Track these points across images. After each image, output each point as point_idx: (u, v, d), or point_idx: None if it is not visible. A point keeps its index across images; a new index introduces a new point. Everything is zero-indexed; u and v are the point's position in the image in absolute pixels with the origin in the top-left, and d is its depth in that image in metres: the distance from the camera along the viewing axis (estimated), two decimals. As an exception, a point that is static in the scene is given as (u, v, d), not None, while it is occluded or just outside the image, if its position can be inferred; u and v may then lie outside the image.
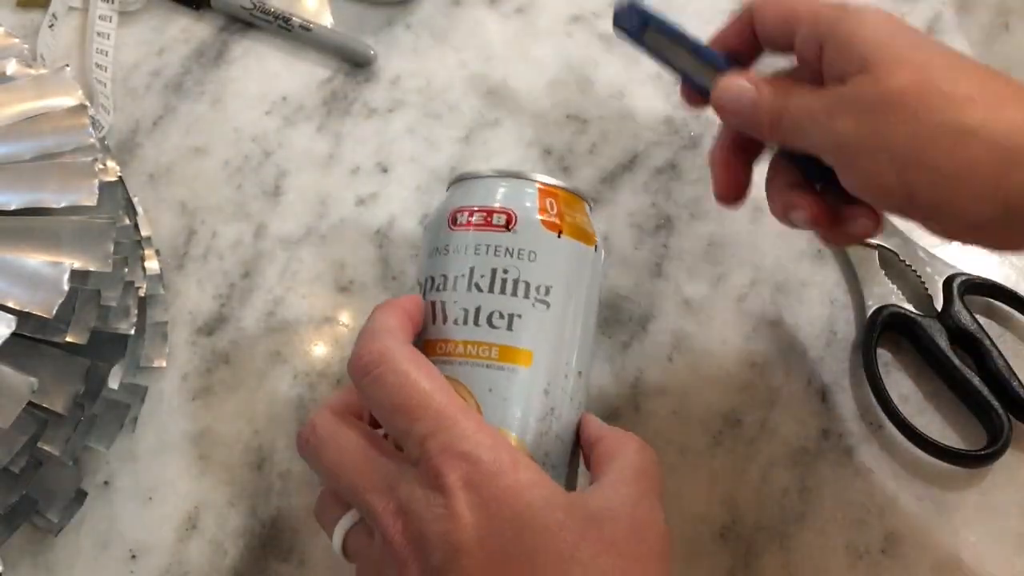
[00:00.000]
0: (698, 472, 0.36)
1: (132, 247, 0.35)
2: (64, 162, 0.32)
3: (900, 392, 0.37)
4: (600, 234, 0.32)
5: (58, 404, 0.30)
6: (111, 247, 0.31)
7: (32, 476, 0.31)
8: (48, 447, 0.31)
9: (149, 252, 0.37)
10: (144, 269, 0.36)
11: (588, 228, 0.31)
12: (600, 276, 0.32)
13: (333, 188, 0.41)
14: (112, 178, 0.34)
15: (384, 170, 0.42)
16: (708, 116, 0.44)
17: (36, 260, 0.29)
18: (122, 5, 0.45)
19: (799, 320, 0.39)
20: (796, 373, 0.38)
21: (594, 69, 0.45)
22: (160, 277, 0.38)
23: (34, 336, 0.29)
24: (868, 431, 0.37)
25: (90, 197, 0.31)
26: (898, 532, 0.35)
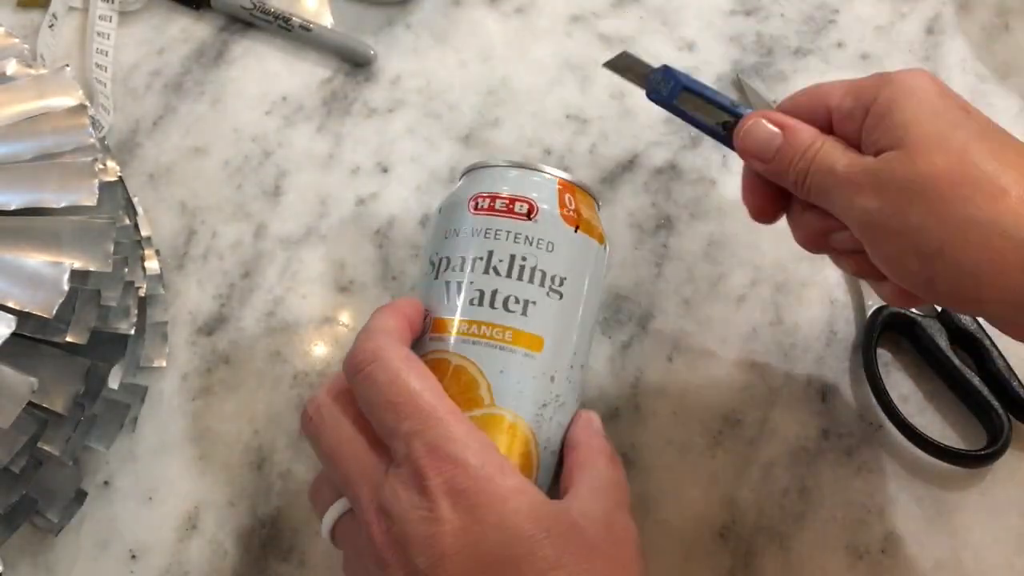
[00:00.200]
0: (698, 472, 0.36)
1: (132, 247, 0.35)
2: (64, 162, 0.32)
3: (900, 392, 0.37)
4: (606, 232, 0.33)
5: (58, 404, 0.30)
6: (111, 247, 0.31)
7: (32, 476, 0.31)
8: (48, 447, 0.31)
9: (149, 252, 0.37)
10: (144, 269, 0.36)
11: (599, 226, 0.32)
12: (604, 273, 0.32)
13: (333, 188, 0.41)
14: (112, 178, 0.34)
15: (384, 170, 0.42)
16: (708, 116, 0.44)
17: (36, 260, 0.29)
18: (122, 5, 0.45)
19: (799, 320, 0.39)
20: (796, 373, 0.38)
21: (594, 69, 0.45)
22: (160, 277, 0.38)
23: (34, 336, 0.29)
24: (868, 431, 0.37)
25: (90, 197, 0.31)
26: (898, 532, 0.35)
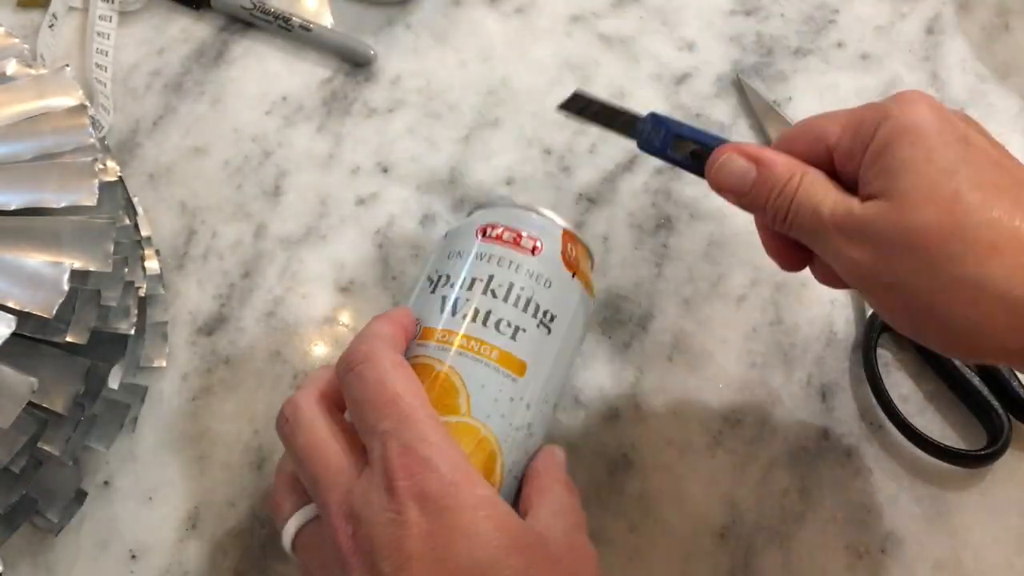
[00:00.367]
0: (698, 472, 0.36)
1: (132, 247, 0.35)
2: (64, 162, 0.32)
3: (900, 392, 0.37)
4: (595, 289, 0.34)
5: (58, 404, 0.30)
6: (111, 247, 0.31)
7: (32, 476, 0.31)
8: (48, 447, 0.31)
9: (149, 252, 0.37)
10: (144, 269, 0.36)
11: (591, 279, 0.33)
12: (586, 324, 0.33)
13: (333, 188, 0.41)
14: (112, 178, 0.34)
15: (384, 170, 0.42)
16: (708, 117, 0.44)
17: (36, 260, 0.29)
18: (122, 5, 0.45)
19: (799, 320, 0.39)
20: (796, 373, 0.38)
21: (594, 69, 0.45)
22: (160, 277, 0.38)
23: (34, 336, 0.29)
24: (868, 431, 0.37)
25: (90, 197, 0.31)
26: (898, 532, 0.35)
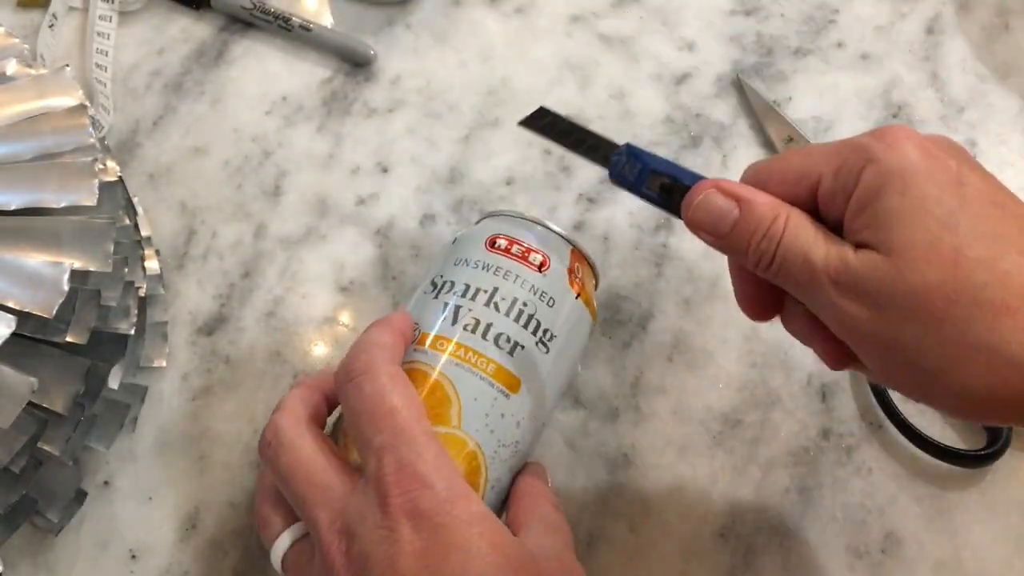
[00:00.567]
0: (698, 472, 0.36)
1: (132, 247, 0.35)
2: (64, 162, 0.32)
3: (900, 392, 0.37)
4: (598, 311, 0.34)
5: (58, 404, 0.30)
6: (111, 247, 0.31)
7: (32, 476, 0.31)
8: (48, 447, 0.31)
9: (149, 252, 0.37)
10: (144, 269, 0.36)
11: (594, 301, 0.33)
12: (585, 346, 0.33)
13: (333, 188, 0.41)
14: (112, 178, 0.34)
15: (384, 170, 0.42)
16: (708, 117, 0.44)
17: (36, 260, 0.29)
18: (122, 5, 0.45)
19: (799, 320, 0.39)
20: (796, 373, 0.38)
21: (594, 69, 0.45)
22: (160, 277, 0.38)
23: (34, 336, 0.29)
24: (868, 431, 0.37)
25: (90, 197, 0.31)
26: (898, 532, 0.35)
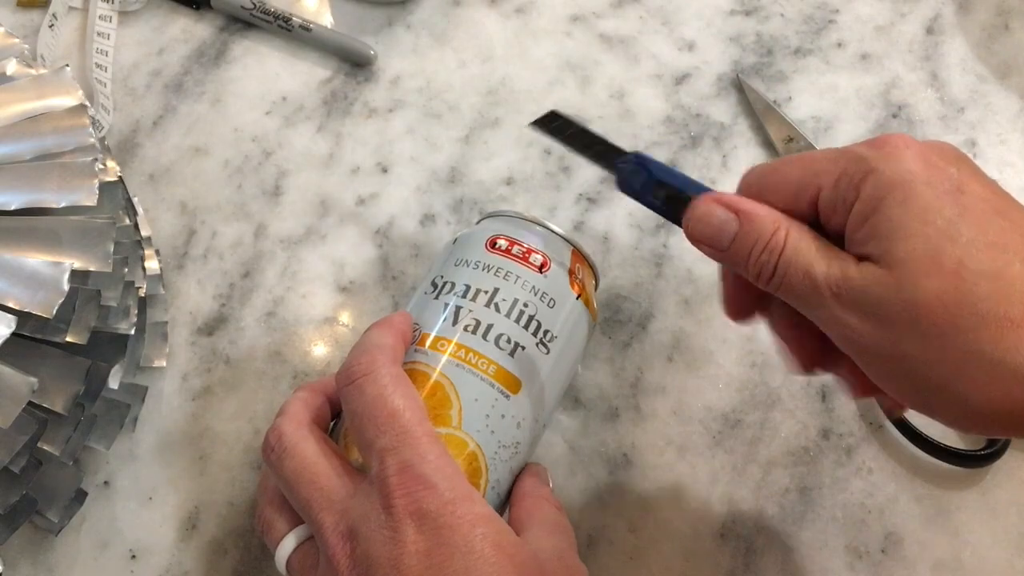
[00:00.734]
0: (698, 472, 0.36)
1: (132, 247, 0.35)
2: (64, 162, 0.32)
3: (900, 392, 0.37)
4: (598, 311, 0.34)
5: (58, 404, 0.30)
6: (111, 247, 0.31)
7: (32, 476, 0.31)
8: (48, 447, 0.31)
9: (149, 252, 0.37)
10: (144, 269, 0.36)
11: (594, 302, 0.33)
12: (585, 347, 0.33)
13: (333, 188, 0.41)
14: (112, 178, 0.34)
15: (384, 170, 0.42)
16: (708, 117, 0.44)
17: (36, 260, 0.29)
18: (122, 5, 0.45)
19: (799, 320, 0.39)
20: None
21: (594, 69, 0.45)
22: (160, 277, 0.38)
23: (34, 336, 0.29)
24: (869, 431, 0.37)
25: (90, 197, 0.31)
26: (898, 532, 0.35)
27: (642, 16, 0.47)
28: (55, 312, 0.28)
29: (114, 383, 0.33)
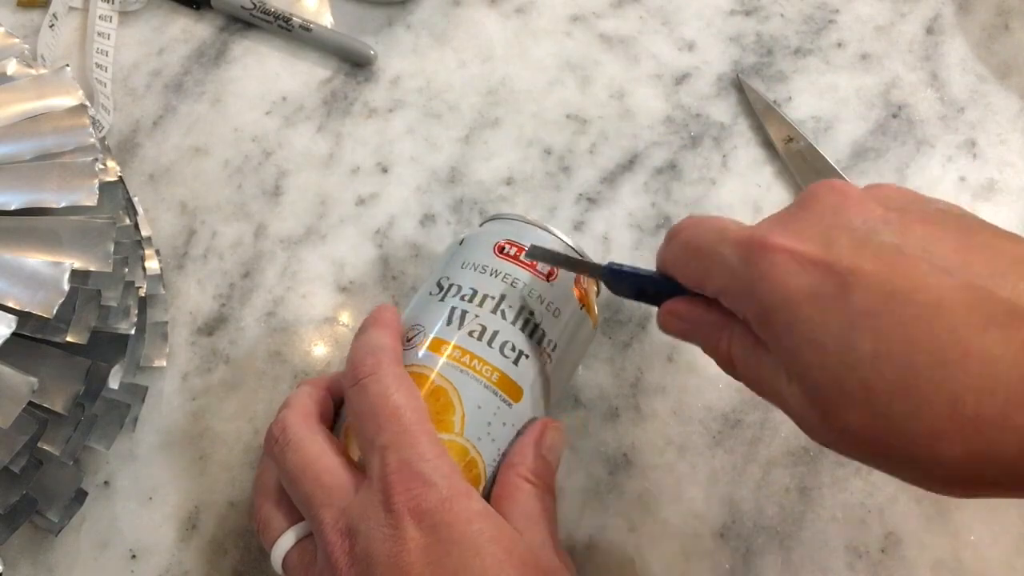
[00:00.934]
0: (698, 472, 0.36)
1: (132, 247, 0.35)
2: (64, 162, 0.32)
3: (900, 392, 0.37)
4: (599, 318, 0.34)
5: (58, 404, 0.30)
6: (111, 247, 0.31)
7: (32, 476, 0.31)
8: (48, 447, 0.31)
9: (149, 252, 0.37)
10: (144, 269, 0.36)
11: (596, 309, 0.33)
12: (584, 354, 0.34)
13: (333, 188, 0.41)
14: (112, 178, 0.34)
15: (384, 170, 0.42)
16: (708, 117, 0.44)
17: (36, 260, 0.29)
18: (122, 5, 0.45)
19: (799, 320, 0.39)
20: (796, 373, 0.38)
21: (594, 69, 0.45)
22: (160, 277, 0.38)
23: (34, 336, 0.29)
24: (868, 431, 0.37)
25: (90, 197, 0.31)
26: (898, 532, 0.35)
27: (642, 16, 0.47)
28: (55, 312, 0.28)
29: (114, 383, 0.33)
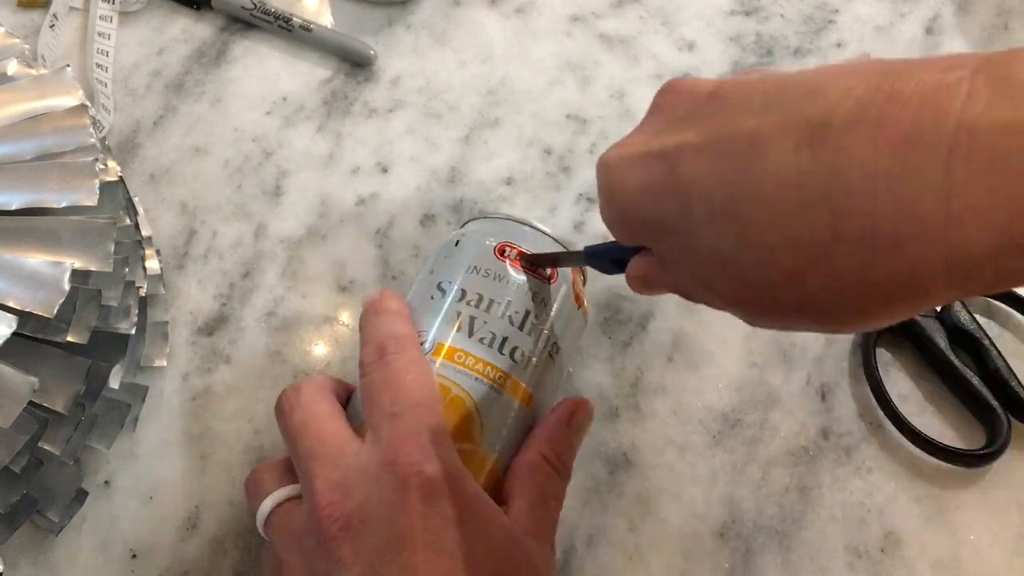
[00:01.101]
0: (698, 472, 0.36)
1: (133, 247, 0.35)
2: (65, 162, 0.32)
3: (900, 392, 0.37)
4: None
5: (59, 404, 0.30)
6: (112, 247, 0.31)
7: (33, 476, 0.31)
8: (49, 447, 0.31)
9: (150, 252, 0.37)
10: (145, 269, 0.36)
11: (585, 301, 0.34)
12: (579, 345, 0.34)
13: (333, 188, 0.41)
14: (113, 178, 0.34)
15: (384, 170, 0.42)
16: (708, 116, 0.44)
17: (37, 260, 0.29)
18: (123, 5, 0.45)
19: (799, 320, 0.39)
20: (796, 373, 0.38)
21: (594, 69, 0.45)
22: (160, 277, 0.38)
23: (35, 336, 0.29)
24: (868, 431, 0.37)
25: (91, 197, 0.31)
26: (898, 532, 0.35)
27: (642, 16, 0.47)
28: (56, 312, 0.28)
29: (114, 383, 0.33)
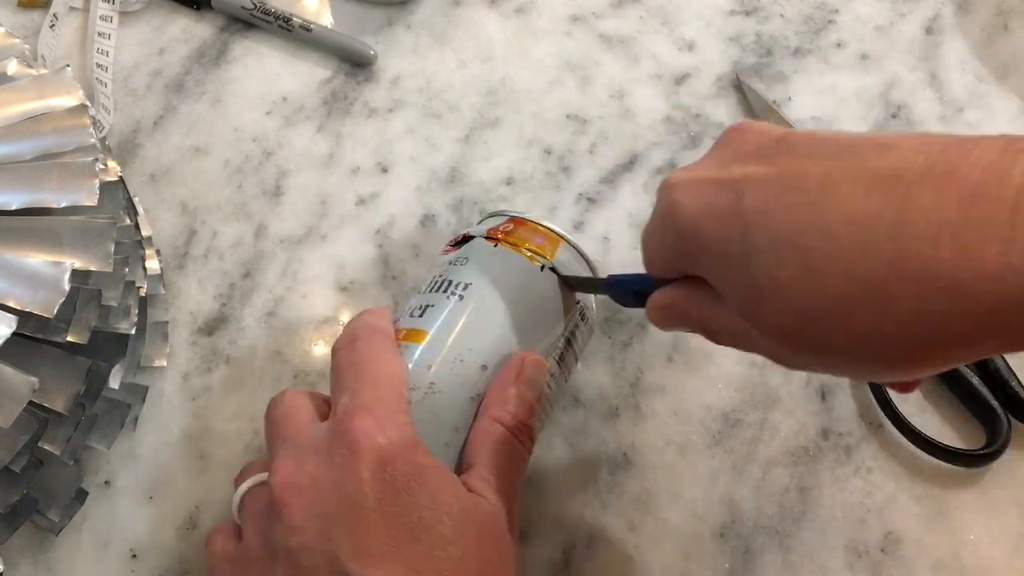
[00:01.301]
0: (698, 472, 0.36)
1: (133, 247, 0.35)
2: (65, 162, 0.32)
3: (900, 392, 0.37)
4: (557, 261, 0.32)
5: (59, 404, 0.30)
6: (112, 247, 0.31)
7: (33, 475, 0.31)
8: (49, 447, 0.31)
9: (150, 252, 0.37)
10: (145, 269, 0.36)
11: (543, 250, 0.32)
12: (544, 294, 0.32)
13: (333, 188, 0.41)
14: (113, 178, 0.35)
15: (384, 170, 0.42)
16: (708, 117, 0.44)
17: (37, 260, 0.29)
18: (123, 5, 0.45)
19: (799, 320, 0.39)
20: (796, 373, 0.38)
21: (594, 69, 0.45)
22: (161, 277, 0.38)
23: (35, 336, 0.29)
24: (868, 431, 0.37)
25: (91, 197, 0.31)
26: (898, 532, 0.35)
27: (642, 16, 0.47)
28: (56, 312, 0.28)
29: (114, 383, 0.33)
